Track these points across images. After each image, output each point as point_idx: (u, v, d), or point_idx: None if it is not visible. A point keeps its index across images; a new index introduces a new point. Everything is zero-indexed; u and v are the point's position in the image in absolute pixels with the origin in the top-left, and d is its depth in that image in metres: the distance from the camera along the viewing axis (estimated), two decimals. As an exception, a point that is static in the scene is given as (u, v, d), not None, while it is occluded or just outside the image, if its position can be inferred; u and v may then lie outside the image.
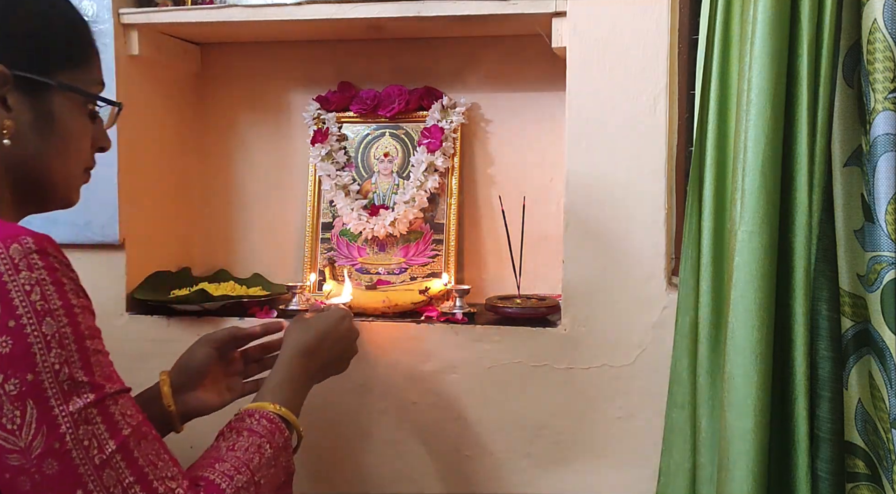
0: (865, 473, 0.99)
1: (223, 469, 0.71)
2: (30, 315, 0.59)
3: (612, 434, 1.27)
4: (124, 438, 0.62)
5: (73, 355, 0.60)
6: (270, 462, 0.76)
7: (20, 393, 0.58)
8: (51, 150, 0.73)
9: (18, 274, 0.60)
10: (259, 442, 0.77)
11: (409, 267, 1.50)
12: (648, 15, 1.21)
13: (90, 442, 0.60)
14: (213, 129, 1.64)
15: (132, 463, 0.61)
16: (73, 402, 0.59)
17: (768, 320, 1.00)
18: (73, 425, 0.59)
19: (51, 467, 0.58)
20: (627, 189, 1.23)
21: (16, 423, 0.58)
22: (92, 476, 0.59)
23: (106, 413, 0.61)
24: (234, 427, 0.79)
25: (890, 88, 0.92)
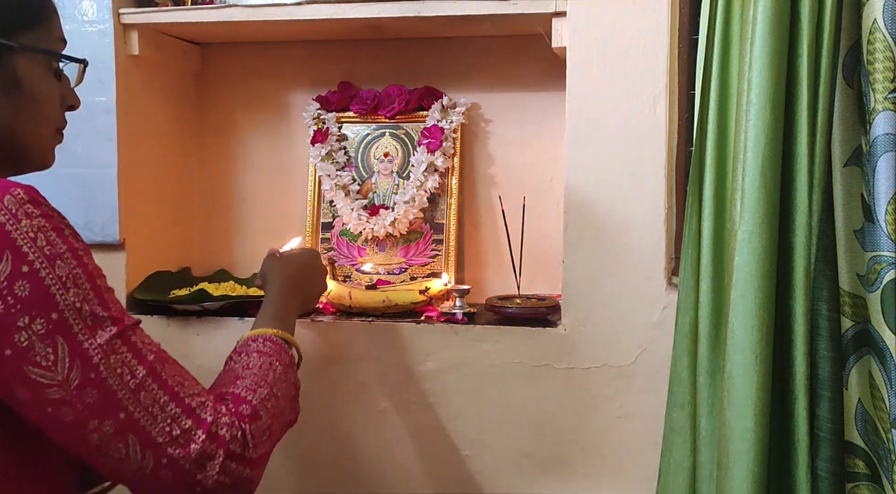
0: (865, 473, 0.99)
1: (245, 384, 0.76)
2: (41, 259, 0.62)
3: (612, 434, 1.27)
4: (150, 363, 0.66)
5: (88, 293, 0.64)
6: (283, 377, 0.81)
7: (48, 332, 0.61)
8: (21, 113, 0.74)
9: (19, 222, 0.62)
10: (269, 360, 0.82)
11: (409, 267, 1.50)
12: (648, 15, 1.21)
13: (122, 370, 0.63)
14: (213, 129, 1.64)
15: (163, 384, 0.66)
16: (98, 335, 0.63)
17: (768, 320, 1.00)
18: (104, 355, 0.63)
19: (90, 396, 0.62)
20: (627, 189, 1.23)
21: (49, 359, 0.61)
22: (130, 399, 0.63)
23: (129, 342, 0.65)
24: (242, 351, 0.84)
25: (890, 88, 0.92)
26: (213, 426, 0.67)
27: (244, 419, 0.70)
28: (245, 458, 0.68)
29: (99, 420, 0.62)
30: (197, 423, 0.66)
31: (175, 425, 0.65)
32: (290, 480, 1.41)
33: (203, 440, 0.65)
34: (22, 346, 0.60)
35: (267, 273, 1.02)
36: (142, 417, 0.64)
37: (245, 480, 0.68)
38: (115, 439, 0.63)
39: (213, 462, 0.65)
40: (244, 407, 0.72)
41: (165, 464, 0.64)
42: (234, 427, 0.68)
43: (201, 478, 0.65)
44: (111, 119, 1.36)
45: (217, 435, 0.67)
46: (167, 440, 0.64)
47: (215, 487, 0.66)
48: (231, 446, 0.67)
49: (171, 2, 1.41)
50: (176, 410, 0.66)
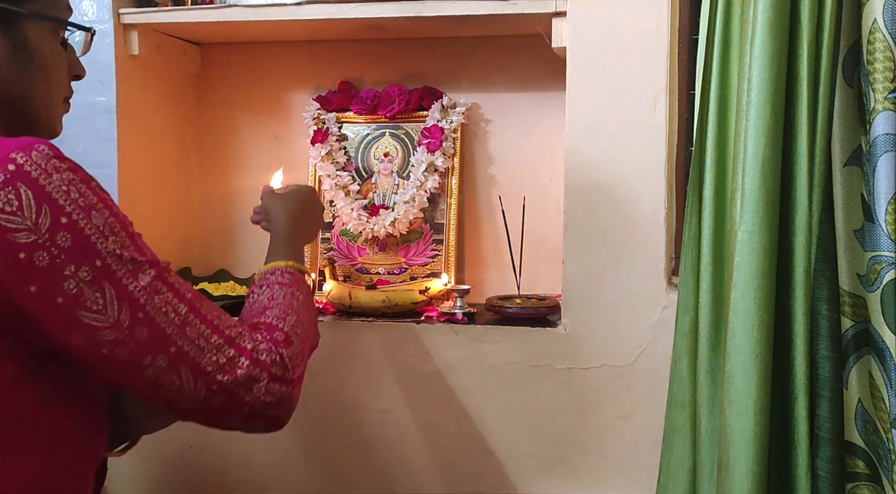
0: (865, 473, 0.99)
1: (274, 314, 0.81)
2: (77, 211, 0.64)
3: (612, 434, 1.27)
4: (189, 300, 0.70)
5: (125, 240, 0.67)
6: (304, 305, 0.87)
7: (94, 278, 0.64)
8: (30, 80, 0.76)
9: (51, 176, 0.64)
10: (291, 291, 0.87)
11: (409, 267, 1.50)
12: (648, 15, 1.21)
13: (166, 308, 0.68)
14: (213, 129, 1.64)
15: (203, 319, 0.70)
16: (140, 278, 0.67)
17: (768, 320, 1.00)
18: (149, 296, 0.67)
19: (142, 334, 0.66)
20: (627, 189, 1.23)
21: (99, 303, 0.64)
22: (178, 334, 0.68)
23: (167, 283, 0.69)
24: (263, 284, 0.89)
25: (890, 88, 0.92)
26: (253, 352, 0.72)
27: (280, 345, 0.75)
28: (286, 379, 0.74)
29: (152, 356, 0.67)
30: (239, 351, 0.71)
31: (220, 354, 0.70)
32: (290, 480, 1.40)
33: (247, 365, 0.71)
34: (72, 293, 0.63)
35: (269, 210, 1.05)
36: (190, 349, 0.68)
37: (288, 398, 0.74)
38: (168, 372, 0.67)
39: (258, 384, 0.71)
40: (277, 334, 0.77)
41: (216, 390, 0.69)
42: (273, 352, 0.74)
43: (249, 399, 0.71)
44: (111, 119, 1.36)
45: (259, 360, 0.72)
46: (215, 368, 0.69)
47: (262, 406, 0.72)
48: (273, 369, 0.73)
49: (171, 2, 1.41)
50: (219, 341, 0.70)
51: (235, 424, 0.74)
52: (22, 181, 0.62)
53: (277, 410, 0.74)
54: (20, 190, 0.62)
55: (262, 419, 0.74)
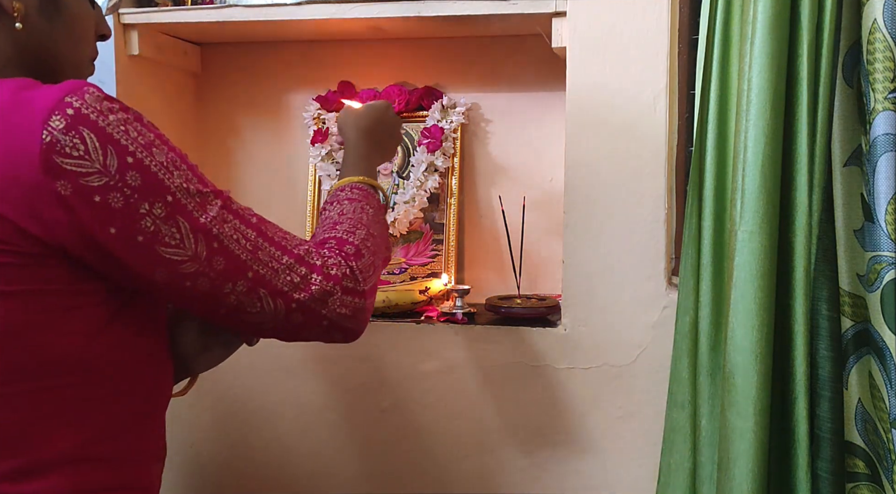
0: (865, 473, 0.99)
1: (344, 228, 0.82)
2: (140, 149, 0.65)
3: (612, 434, 1.27)
4: (256, 225, 0.72)
5: (187, 173, 0.68)
6: (374, 219, 0.88)
7: (168, 214, 0.65)
8: (59, 35, 0.76)
9: (108, 117, 0.64)
10: (361, 205, 0.88)
11: (409, 267, 1.50)
12: (648, 15, 1.21)
13: (237, 236, 0.70)
14: (213, 129, 1.64)
15: (271, 242, 0.72)
16: (209, 209, 0.68)
17: (768, 320, 1.00)
18: (220, 226, 0.68)
19: (219, 263, 0.68)
20: (627, 189, 1.23)
21: (176, 238, 0.66)
22: (252, 259, 0.70)
23: (232, 210, 0.71)
24: (333, 200, 0.90)
25: (890, 88, 0.92)
26: (324, 268, 0.74)
27: (350, 258, 0.77)
28: (358, 291, 0.76)
29: (233, 283, 0.69)
30: (310, 268, 0.73)
31: (293, 273, 0.72)
32: (289, 480, 1.41)
33: (320, 281, 0.73)
34: (150, 231, 0.65)
35: (343, 126, 1.05)
36: (266, 272, 0.71)
37: (361, 309, 0.76)
38: (249, 295, 0.70)
39: (333, 297, 0.74)
40: (348, 247, 0.79)
41: (295, 308, 0.72)
42: (343, 266, 0.76)
43: (326, 312, 0.73)
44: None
45: (330, 275, 0.74)
46: (291, 287, 0.72)
47: (338, 318, 0.74)
48: (345, 282, 0.75)
49: (171, 2, 1.41)
50: (290, 260, 0.72)
51: (314, 336, 0.76)
52: (83, 124, 0.62)
53: (353, 322, 0.76)
54: (83, 133, 0.62)
55: (340, 330, 0.76)
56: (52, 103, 0.62)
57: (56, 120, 0.61)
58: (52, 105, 0.62)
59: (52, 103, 0.62)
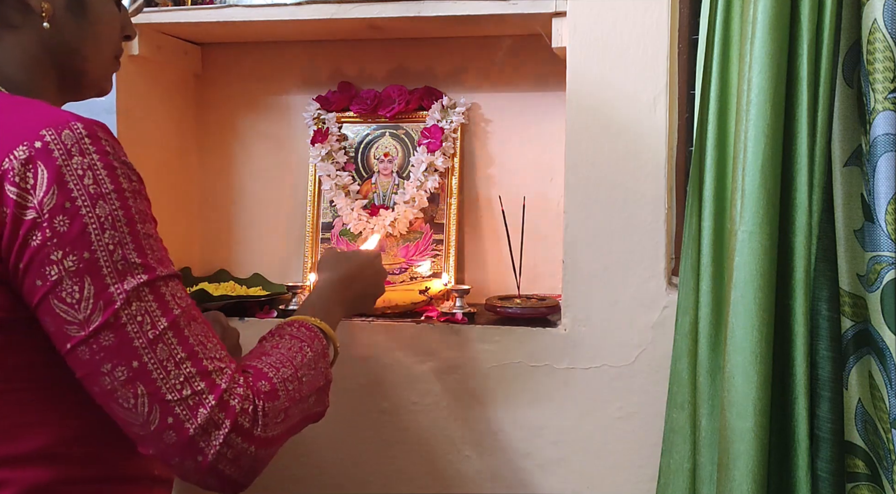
0: (865, 473, 0.99)
1: (269, 361, 0.74)
2: (84, 198, 0.63)
3: (612, 434, 1.27)
4: (175, 317, 0.65)
5: (125, 237, 0.64)
6: (311, 364, 0.79)
7: (78, 270, 0.62)
8: (85, 35, 0.77)
9: (71, 159, 0.63)
10: (300, 345, 0.80)
11: (409, 267, 1.50)
12: (648, 15, 1.21)
13: (143, 319, 0.63)
14: (213, 129, 1.64)
15: (183, 341, 0.65)
16: (126, 281, 0.63)
17: (768, 320, 1.00)
18: (127, 301, 0.63)
19: (107, 339, 0.62)
20: (627, 189, 1.23)
21: (75, 298, 0.62)
22: (146, 349, 0.63)
23: (157, 293, 0.65)
24: (276, 333, 0.82)
25: (890, 88, 0.92)
26: (224, 394, 0.65)
27: (260, 395, 0.68)
28: (252, 435, 0.66)
29: (112, 365, 0.63)
30: (210, 387, 0.65)
31: (187, 385, 0.64)
32: (289, 481, 1.40)
33: (212, 406, 0.64)
34: (52, 280, 0.62)
35: (321, 265, 1.02)
36: (154, 369, 0.63)
37: (248, 457, 0.66)
38: (125, 387, 0.63)
39: (217, 431, 0.64)
40: (263, 383, 0.70)
41: (171, 424, 0.63)
42: (247, 401, 0.67)
43: (203, 446, 0.63)
44: (111, 119, 1.36)
45: (227, 404, 0.65)
46: (176, 398, 0.63)
47: (216, 459, 0.64)
48: (240, 419, 0.65)
49: (171, 2, 1.41)
50: (192, 370, 0.64)
51: (186, 471, 0.65)
52: (42, 160, 0.62)
53: (233, 469, 0.65)
54: (38, 168, 0.62)
55: (216, 475, 0.65)
56: (28, 133, 0.63)
57: (21, 150, 0.62)
58: (26, 135, 0.63)
59: (27, 132, 0.63)
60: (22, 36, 0.73)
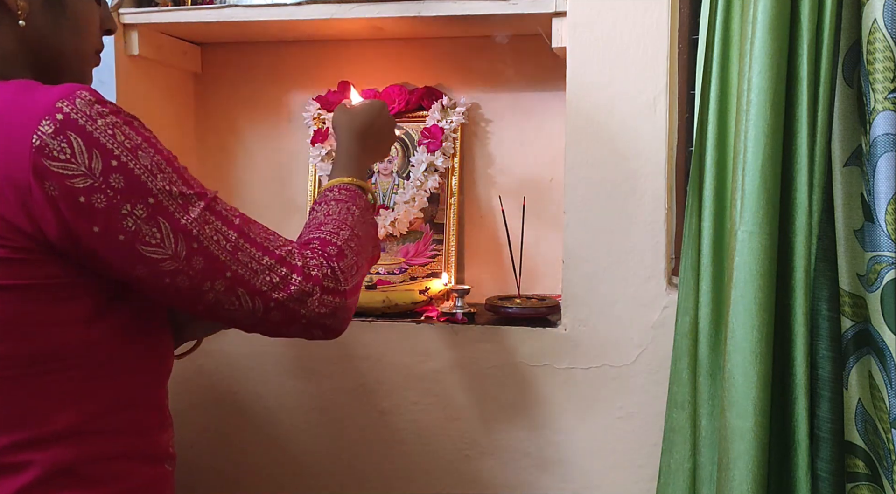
0: (865, 473, 0.99)
1: (328, 229, 0.84)
2: (125, 152, 0.67)
3: (612, 434, 1.27)
4: (238, 226, 0.74)
5: (172, 175, 0.70)
6: (361, 219, 0.89)
7: (149, 215, 0.68)
8: (62, 31, 0.78)
9: (96, 122, 0.66)
10: (347, 206, 0.90)
11: (409, 267, 1.50)
12: (648, 15, 1.21)
13: (217, 237, 0.72)
14: (213, 129, 1.64)
15: (253, 242, 0.74)
16: (191, 211, 0.70)
17: (768, 320, 1.00)
18: (200, 227, 0.70)
19: (199, 262, 0.70)
20: (627, 189, 1.23)
21: (157, 238, 0.68)
22: (231, 260, 0.72)
23: (216, 211, 0.73)
24: (321, 201, 0.91)
25: (890, 88, 0.92)
26: (305, 268, 0.76)
27: (332, 258, 0.79)
28: (339, 291, 0.78)
29: (211, 282, 0.71)
30: (291, 269, 0.75)
31: (273, 273, 0.74)
32: (289, 481, 1.41)
33: (300, 281, 0.75)
34: (131, 230, 0.67)
35: (336, 126, 1.06)
36: (245, 272, 0.73)
37: (342, 308, 0.78)
38: (227, 294, 0.72)
39: (312, 297, 0.75)
40: (331, 248, 0.80)
41: (273, 307, 0.74)
42: (324, 266, 0.77)
43: (305, 312, 0.75)
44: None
45: (310, 275, 0.76)
46: (270, 287, 0.73)
47: (317, 317, 0.76)
48: (325, 282, 0.76)
49: (171, 2, 1.41)
50: (270, 261, 0.74)
51: (295, 333, 0.77)
52: (71, 129, 0.65)
53: (333, 320, 0.77)
54: (70, 138, 0.65)
55: (320, 328, 0.77)
56: (45, 108, 0.65)
57: (46, 124, 0.64)
58: (44, 109, 0.65)
59: (44, 108, 0.65)
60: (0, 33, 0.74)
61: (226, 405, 1.42)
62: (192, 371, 1.39)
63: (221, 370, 1.42)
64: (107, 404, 0.73)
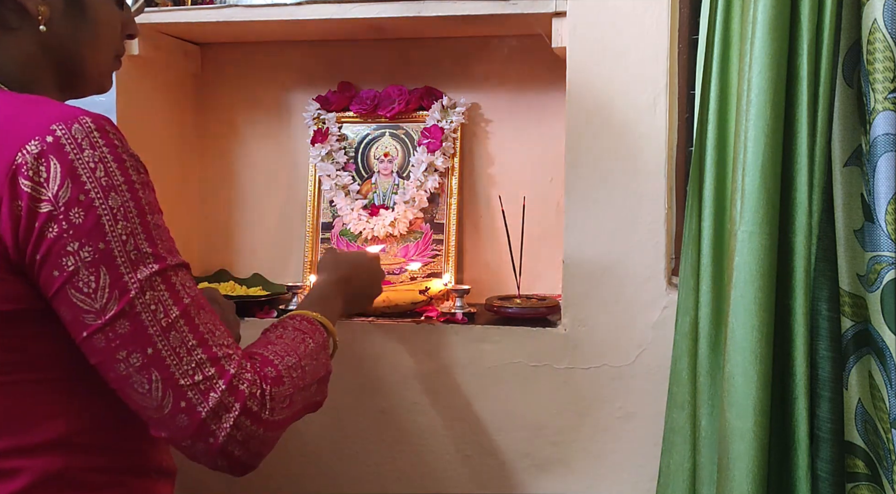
0: (865, 473, 0.99)
1: (274, 350, 0.77)
2: (97, 190, 0.64)
3: (612, 434, 1.27)
4: (185, 306, 0.68)
5: (136, 227, 0.66)
6: (313, 354, 0.82)
7: (94, 260, 0.64)
8: (83, 36, 0.77)
9: (83, 152, 0.64)
10: (303, 336, 0.83)
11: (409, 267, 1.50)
12: (648, 15, 1.21)
13: (156, 307, 0.66)
14: (213, 129, 1.64)
15: (194, 329, 0.67)
16: (140, 271, 0.65)
17: (768, 320, 1.00)
18: (141, 291, 0.65)
19: (123, 327, 0.65)
20: (627, 189, 1.23)
21: (91, 287, 0.64)
22: (160, 336, 0.65)
23: (168, 282, 0.67)
24: (279, 325, 0.85)
25: (890, 88, 0.92)
26: (234, 379, 0.68)
27: (266, 380, 0.71)
28: (261, 418, 0.69)
29: (127, 352, 0.65)
30: (220, 373, 0.67)
31: (199, 370, 0.66)
32: (289, 481, 1.40)
33: (223, 390, 0.67)
34: (69, 270, 0.64)
35: (321, 266, 1.05)
36: (168, 356, 0.66)
37: (257, 439, 0.69)
38: (140, 372, 0.65)
39: (228, 414, 0.67)
40: (269, 369, 0.73)
41: (183, 408, 0.66)
42: (255, 385, 0.69)
43: (215, 429, 0.66)
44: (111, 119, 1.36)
45: (237, 389, 0.68)
46: (189, 383, 0.66)
47: (226, 441, 0.67)
48: (249, 402, 0.68)
49: (171, 2, 1.41)
50: (202, 356, 0.67)
51: (196, 452, 0.68)
52: (54, 153, 0.64)
53: (242, 450, 0.68)
54: (51, 162, 0.63)
55: (226, 456, 0.68)
56: (39, 128, 0.64)
57: (33, 144, 0.63)
58: (38, 129, 0.64)
59: (38, 127, 0.64)
60: (20, 37, 0.74)
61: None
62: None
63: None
64: (96, 419, 0.71)
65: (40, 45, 0.75)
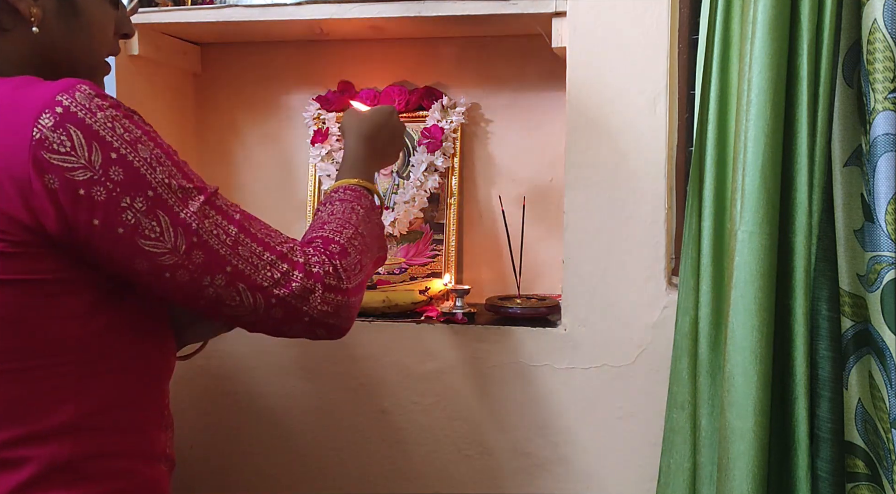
0: (865, 473, 0.99)
1: (331, 228, 0.84)
2: (125, 146, 0.67)
3: (612, 434, 1.27)
4: (238, 221, 0.74)
5: (171, 169, 0.70)
6: (366, 218, 0.89)
7: (149, 208, 0.68)
8: (76, 37, 0.78)
9: (95, 115, 0.66)
10: (351, 205, 0.90)
11: (409, 267, 1.50)
12: (648, 15, 1.21)
13: (217, 231, 0.71)
14: (212, 129, 1.64)
15: (254, 238, 0.74)
16: (190, 204, 0.70)
17: (768, 320, 1.00)
18: (199, 221, 0.70)
19: (198, 257, 0.70)
20: (627, 189, 1.23)
21: (156, 231, 0.68)
22: (231, 254, 0.72)
23: (215, 206, 0.73)
24: (327, 201, 0.92)
25: (890, 88, 0.92)
26: (306, 265, 0.76)
27: (334, 256, 0.79)
28: (341, 289, 0.77)
29: (211, 276, 0.71)
30: (292, 265, 0.75)
31: (274, 269, 0.74)
32: (290, 481, 1.41)
33: (301, 278, 0.75)
34: (131, 223, 0.67)
35: (344, 129, 1.06)
36: (245, 267, 0.72)
37: (345, 306, 0.78)
38: (228, 289, 0.72)
39: (314, 294, 0.75)
40: (333, 246, 0.80)
41: (275, 304, 0.74)
42: (326, 264, 0.77)
43: (307, 309, 0.75)
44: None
45: (312, 272, 0.76)
46: (271, 283, 0.73)
47: (319, 315, 0.76)
48: (327, 280, 0.76)
49: (171, 2, 1.41)
50: (271, 257, 0.74)
51: (298, 333, 0.77)
52: (70, 122, 0.65)
53: (336, 319, 0.77)
54: (70, 130, 0.65)
55: (324, 327, 0.77)
56: (44, 101, 0.65)
57: (46, 117, 0.64)
58: (44, 103, 0.65)
59: (43, 101, 0.65)
60: (13, 39, 0.74)
61: (226, 405, 1.42)
62: (193, 371, 1.39)
63: (222, 370, 1.42)
64: (105, 401, 0.72)
65: (33, 46, 0.75)
